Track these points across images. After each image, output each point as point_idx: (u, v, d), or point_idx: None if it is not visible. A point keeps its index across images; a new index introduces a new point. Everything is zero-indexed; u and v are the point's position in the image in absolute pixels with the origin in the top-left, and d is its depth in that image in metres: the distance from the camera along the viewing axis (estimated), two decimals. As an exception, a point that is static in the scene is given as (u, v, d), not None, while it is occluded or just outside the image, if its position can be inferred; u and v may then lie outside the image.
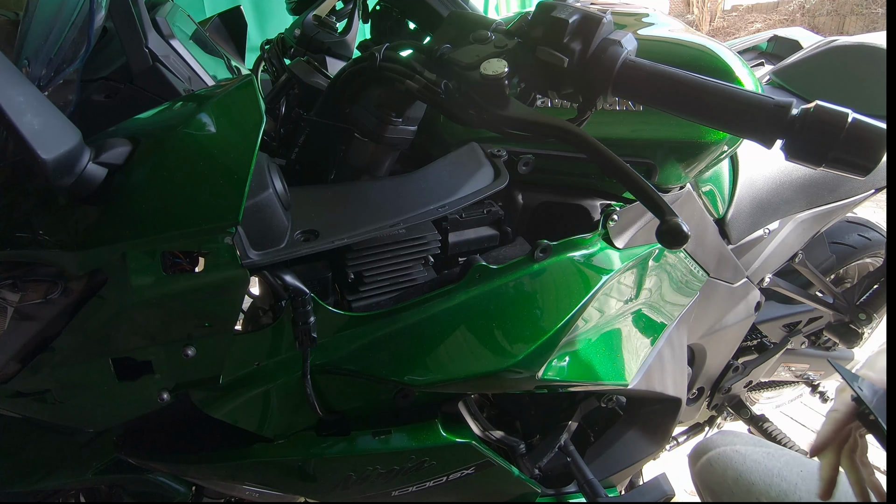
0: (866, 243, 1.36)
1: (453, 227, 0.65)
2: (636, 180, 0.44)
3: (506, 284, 0.60)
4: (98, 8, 0.56)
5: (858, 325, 1.27)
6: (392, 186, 0.61)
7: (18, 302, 0.49)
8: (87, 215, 0.46)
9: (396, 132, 0.61)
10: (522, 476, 0.72)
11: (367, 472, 0.62)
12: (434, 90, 0.52)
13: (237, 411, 0.56)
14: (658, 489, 0.80)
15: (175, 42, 1.05)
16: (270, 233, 0.51)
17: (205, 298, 0.49)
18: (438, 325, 0.59)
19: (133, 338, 0.50)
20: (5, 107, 0.38)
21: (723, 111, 0.43)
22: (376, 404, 0.63)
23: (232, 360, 0.54)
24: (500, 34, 0.53)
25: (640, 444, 0.87)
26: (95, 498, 0.81)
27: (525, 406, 0.85)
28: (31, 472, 0.67)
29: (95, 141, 0.47)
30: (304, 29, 0.95)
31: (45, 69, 0.56)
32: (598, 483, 0.76)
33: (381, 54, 0.59)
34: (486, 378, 0.58)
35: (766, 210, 1.02)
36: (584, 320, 0.63)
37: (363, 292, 0.60)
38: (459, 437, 0.63)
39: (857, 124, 0.38)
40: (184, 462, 0.61)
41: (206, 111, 0.51)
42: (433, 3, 0.90)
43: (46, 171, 0.40)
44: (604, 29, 0.48)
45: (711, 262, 0.92)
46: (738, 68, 0.66)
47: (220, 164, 0.47)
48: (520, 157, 0.68)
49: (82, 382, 0.52)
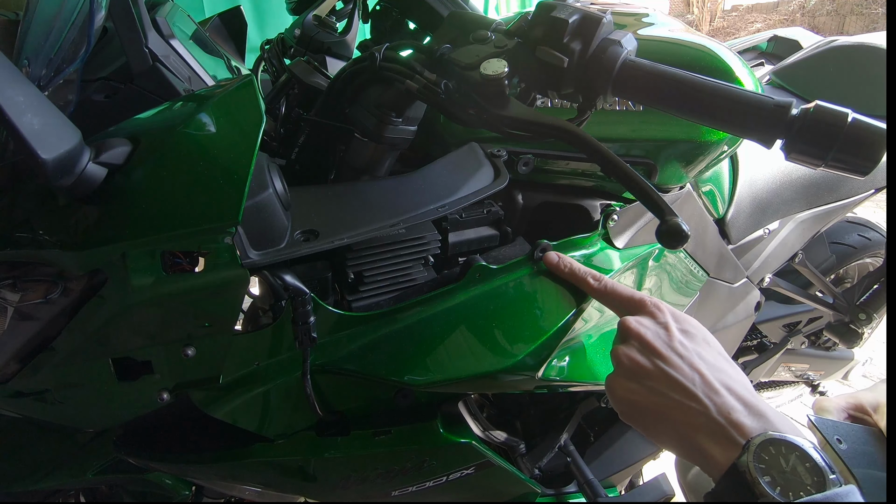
0: (866, 243, 1.36)
1: (453, 227, 0.65)
2: (636, 180, 0.44)
3: (506, 284, 0.61)
4: (98, 8, 0.56)
5: (858, 325, 1.27)
6: (392, 186, 0.61)
7: (18, 302, 0.49)
8: (87, 215, 0.47)
9: (396, 132, 0.61)
10: (522, 476, 0.72)
11: (367, 472, 0.62)
12: (434, 90, 0.52)
13: (237, 411, 0.56)
14: (658, 489, 0.80)
15: (175, 42, 1.05)
16: (270, 233, 0.51)
17: (205, 298, 0.49)
18: (438, 325, 0.59)
19: (133, 338, 0.50)
20: (5, 107, 0.38)
21: (723, 111, 0.43)
22: (376, 404, 0.63)
23: (232, 360, 0.54)
24: (500, 34, 0.54)
25: (640, 444, 0.88)
26: (95, 498, 0.81)
27: (525, 406, 0.85)
28: (31, 472, 0.67)
29: (95, 141, 0.47)
30: (304, 29, 0.95)
31: (45, 69, 0.56)
32: (598, 483, 0.76)
33: (381, 54, 0.59)
34: (486, 378, 0.58)
35: (766, 210, 1.02)
36: (584, 320, 0.63)
37: (363, 292, 0.60)
38: (459, 437, 0.63)
39: (857, 124, 0.39)
40: (184, 462, 0.61)
41: (206, 111, 0.51)
42: (433, 3, 0.90)
43: (46, 171, 0.40)
44: (604, 29, 0.48)
45: (711, 262, 0.92)
46: (738, 68, 0.66)
47: (220, 164, 0.47)
48: (520, 157, 0.68)
49: (82, 382, 0.52)
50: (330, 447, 0.60)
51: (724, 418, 0.40)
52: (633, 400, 0.45)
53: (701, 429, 0.41)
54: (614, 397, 0.47)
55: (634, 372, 0.46)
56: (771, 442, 0.38)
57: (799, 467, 0.37)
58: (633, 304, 0.51)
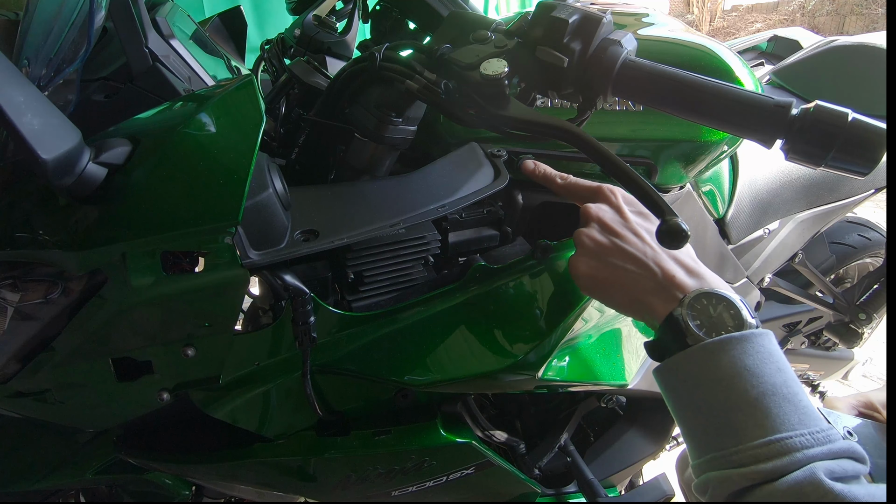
0: (866, 243, 1.36)
1: (453, 227, 0.65)
2: (636, 180, 0.44)
3: (506, 284, 0.60)
4: (98, 8, 0.56)
5: (858, 325, 1.27)
6: (392, 186, 0.61)
7: (18, 302, 0.49)
8: (87, 215, 0.46)
9: (396, 132, 0.61)
10: (522, 476, 0.72)
11: (367, 472, 0.62)
12: (434, 90, 0.52)
13: (237, 411, 0.56)
14: (658, 489, 0.80)
15: (175, 42, 1.05)
16: (270, 233, 0.51)
17: (205, 298, 0.49)
18: (438, 325, 0.59)
19: (133, 338, 0.50)
20: (5, 107, 0.38)
21: (723, 111, 0.43)
22: (376, 404, 0.63)
23: (232, 360, 0.54)
24: (500, 34, 0.53)
25: (640, 444, 0.87)
26: (95, 498, 0.81)
27: (525, 406, 0.85)
28: (31, 472, 0.67)
29: (95, 141, 0.47)
30: (304, 29, 0.95)
31: (45, 69, 0.56)
32: (598, 483, 0.76)
33: (381, 54, 0.59)
34: (486, 378, 0.58)
35: (766, 210, 1.02)
36: (584, 320, 0.63)
37: (363, 292, 0.60)
38: (459, 437, 0.63)
39: (857, 124, 0.39)
40: (184, 462, 0.61)
41: (206, 111, 0.51)
42: (433, 3, 0.90)
43: (46, 171, 0.40)
44: (604, 29, 0.48)
45: (711, 262, 0.92)
46: (738, 68, 0.66)
47: (220, 164, 0.47)
48: (520, 157, 0.68)
49: (82, 382, 0.52)
50: (330, 447, 0.60)
51: (668, 280, 0.48)
52: (592, 275, 0.52)
53: (649, 291, 0.48)
54: (576, 273, 0.53)
55: (594, 250, 0.52)
56: (704, 295, 0.45)
57: (724, 314, 0.44)
58: (591, 192, 0.57)
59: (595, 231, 0.53)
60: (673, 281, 0.47)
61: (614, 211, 0.54)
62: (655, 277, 0.48)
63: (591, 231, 0.53)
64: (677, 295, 0.46)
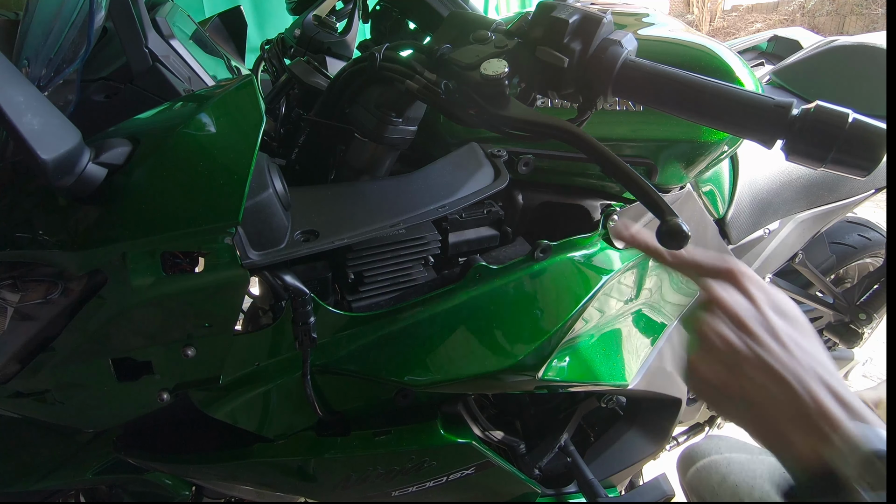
0: (866, 243, 1.36)
1: (453, 227, 0.65)
2: (636, 180, 0.44)
3: (506, 284, 0.60)
4: (98, 8, 0.56)
5: (858, 325, 1.27)
6: (392, 186, 0.61)
7: (18, 302, 0.49)
8: (87, 215, 0.46)
9: (396, 132, 0.61)
10: (522, 476, 0.72)
11: (367, 472, 0.62)
12: (434, 90, 0.52)
13: (237, 411, 0.56)
14: (658, 489, 0.80)
15: (175, 42, 1.05)
16: (270, 233, 0.51)
17: (205, 298, 0.49)
18: (438, 325, 0.59)
19: (133, 338, 0.50)
20: (5, 107, 0.38)
21: (723, 111, 0.43)
22: (376, 404, 0.63)
23: (232, 360, 0.54)
24: (500, 34, 0.53)
25: (640, 444, 0.87)
26: (95, 498, 0.81)
27: (525, 406, 0.85)
28: (31, 472, 0.67)
29: (95, 141, 0.47)
30: (304, 29, 0.95)
31: (45, 69, 0.56)
32: (598, 483, 0.76)
33: (381, 54, 0.59)
34: (486, 378, 0.58)
35: (766, 210, 1.02)
36: (585, 320, 0.63)
37: (363, 292, 0.60)
38: (459, 438, 0.63)
39: (858, 124, 0.38)
40: (184, 462, 0.62)
41: (206, 111, 0.51)
42: (433, 3, 0.90)
43: (46, 171, 0.40)
44: (604, 29, 0.48)
45: (711, 262, 0.91)
46: (738, 68, 0.66)
47: (220, 164, 0.47)
48: (520, 157, 0.68)
49: (82, 383, 0.52)
50: (330, 447, 0.60)
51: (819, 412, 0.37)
52: (718, 385, 0.41)
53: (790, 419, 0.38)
54: (697, 376, 0.42)
55: (725, 353, 0.41)
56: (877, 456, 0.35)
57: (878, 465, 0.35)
58: (719, 272, 0.44)
59: (725, 328, 0.41)
60: (825, 414, 0.37)
61: (749, 303, 0.42)
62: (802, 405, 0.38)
63: (719, 326, 0.42)
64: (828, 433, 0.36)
